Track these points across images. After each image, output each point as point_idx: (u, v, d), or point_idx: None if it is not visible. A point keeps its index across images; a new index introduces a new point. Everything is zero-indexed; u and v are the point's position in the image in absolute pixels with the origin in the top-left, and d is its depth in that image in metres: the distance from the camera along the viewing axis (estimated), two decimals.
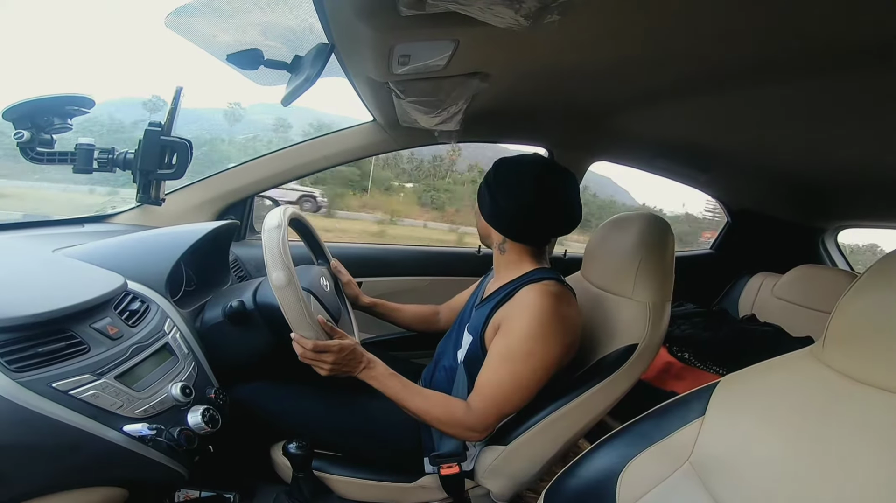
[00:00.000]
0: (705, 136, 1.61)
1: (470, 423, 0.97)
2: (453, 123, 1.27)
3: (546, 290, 0.99)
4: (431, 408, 0.98)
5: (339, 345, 0.96)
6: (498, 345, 0.99)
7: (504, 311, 1.02)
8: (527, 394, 0.99)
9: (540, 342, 0.96)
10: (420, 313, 1.48)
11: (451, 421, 0.98)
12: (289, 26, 0.91)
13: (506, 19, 0.60)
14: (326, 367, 0.96)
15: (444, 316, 1.49)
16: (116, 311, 0.88)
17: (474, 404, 0.98)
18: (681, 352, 1.77)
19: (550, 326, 0.96)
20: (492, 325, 1.03)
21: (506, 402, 0.98)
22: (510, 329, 0.99)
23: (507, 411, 0.99)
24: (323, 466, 1.08)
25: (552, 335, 0.97)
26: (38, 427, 0.66)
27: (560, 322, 0.97)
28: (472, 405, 0.98)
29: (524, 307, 0.98)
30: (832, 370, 0.61)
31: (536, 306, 0.97)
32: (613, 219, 1.21)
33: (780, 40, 0.79)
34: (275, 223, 0.98)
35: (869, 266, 0.60)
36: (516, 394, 0.98)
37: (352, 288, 1.40)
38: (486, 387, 0.98)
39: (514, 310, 1.00)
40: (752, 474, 0.60)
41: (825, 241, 2.48)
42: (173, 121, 1.10)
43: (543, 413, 1.02)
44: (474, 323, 1.10)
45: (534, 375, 0.97)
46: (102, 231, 1.37)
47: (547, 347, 0.96)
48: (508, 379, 0.97)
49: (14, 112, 0.97)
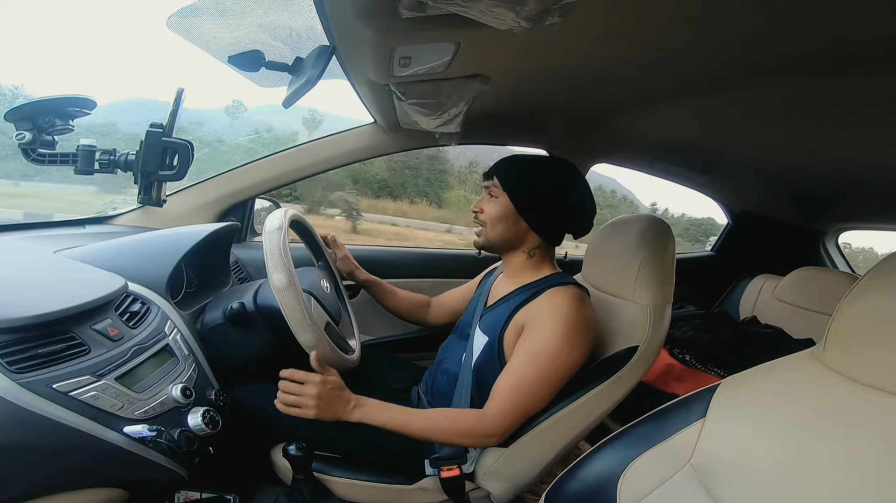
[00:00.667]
0: (705, 138, 1.61)
1: (488, 429, 0.98)
2: (454, 125, 1.27)
3: (574, 293, 1.02)
4: (440, 424, 0.99)
5: (323, 378, 0.97)
6: (524, 345, 1.00)
7: (528, 312, 1.03)
8: (548, 395, 1.00)
9: (568, 342, 0.98)
10: (414, 301, 1.47)
11: (466, 431, 0.98)
12: (290, 28, 0.91)
13: (506, 21, 0.60)
14: (311, 404, 0.96)
15: (433, 310, 1.48)
16: (117, 313, 0.88)
17: (493, 408, 0.98)
18: (682, 355, 1.77)
19: (578, 328, 0.99)
20: (513, 325, 1.04)
21: (528, 402, 0.99)
22: (538, 329, 1.00)
23: (529, 411, 1.00)
24: (323, 468, 1.08)
25: (579, 336, 0.99)
26: (39, 428, 0.66)
27: (586, 324, 1.01)
28: (489, 410, 0.98)
29: (552, 308, 1.00)
30: (833, 372, 0.61)
31: (566, 308, 0.99)
32: (614, 221, 1.21)
33: (780, 41, 0.79)
34: (275, 225, 0.98)
35: (870, 268, 0.60)
36: (539, 394, 0.99)
37: (347, 262, 1.39)
38: (509, 388, 0.98)
39: (540, 311, 1.01)
40: (753, 476, 0.60)
41: (826, 243, 2.48)
42: (174, 122, 1.10)
43: (544, 415, 1.02)
44: (490, 323, 1.10)
45: (557, 374, 0.99)
46: (103, 232, 1.38)
47: (575, 347, 0.99)
48: (534, 377, 0.98)
49: (15, 113, 0.97)
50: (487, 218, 1.13)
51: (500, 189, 1.11)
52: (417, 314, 1.47)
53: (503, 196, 1.11)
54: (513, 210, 1.10)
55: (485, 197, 1.15)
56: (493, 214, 1.11)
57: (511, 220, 1.11)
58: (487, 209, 1.13)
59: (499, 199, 1.11)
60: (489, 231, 1.13)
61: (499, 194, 1.11)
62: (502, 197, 1.11)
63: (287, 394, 0.98)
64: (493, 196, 1.13)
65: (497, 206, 1.11)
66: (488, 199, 1.14)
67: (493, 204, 1.12)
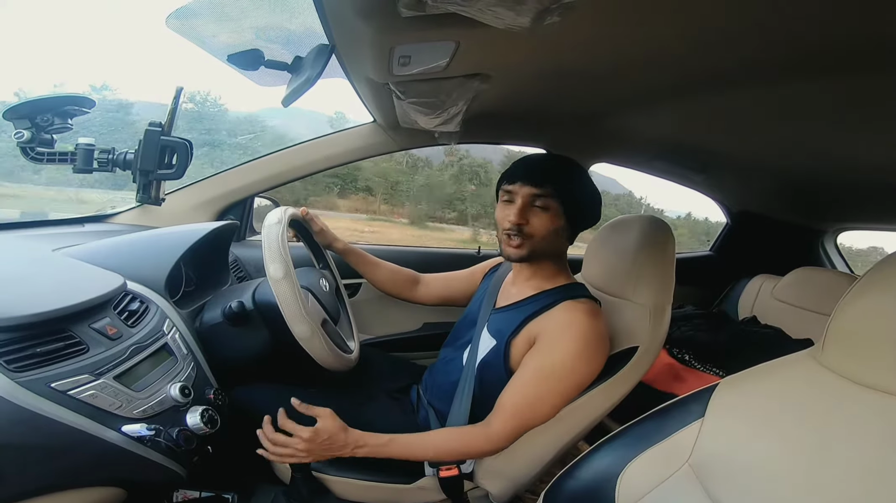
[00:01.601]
0: (705, 137, 1.61)
1: (493, 446, 0.98)
2: (453, 124, 1.27)
3: (589, 309, 0.99)
4: (446, 444, 0.99)
5: (314, 430, 0.94)
6: (536, 361, 0.98)
7: (541, 324, 1.01)
8: (555, 411, 0.99)
9: (583, 360, 0.97)
10: (397, 275, 1.41)
11: (471, 449, 0.99)
12: (289, 27, 0.91)
13: (506, 21, 0.60)
14: (302, 456, 0.95)
15: (424, 289, 1.42)
16: (116, 311, 0.88)
17: (498, 425, 0.97)
18: (681, 354, 1.77)
19: (595, 345, 0.98)
20: (524, 335, 1.02)
21: (534, 419, 0.98)
22: (552, 345, 0.97)
23: (533, 426, 0.99)
24: (321, 467, 1.08)
25: (595, 354, 0.98)
26: (37, 427, 0.66)
27: (601, 341, 0.99)
28: (494, 426, 0.98)
29: (569, 325, 0.97)
30: (832, 372, 0.61)
31: (583, 325, 0.97)
32: (613, 221, 1.21)
33: (779, 41, 0.79)
34: (275, 220, 0.99)
35: (868, 268, 0.61)
36: (547, 411, 0.98)
37: (323, 236, 1.35)
38: (516, 404, 0.97)
39: (555, 325, 0.99)
40: (752, 476, 0.60)
41: (825, 243, 2.48)
42: (173, 121, 1.10)
43: None
44: (499, 327, 1.07)
45: (567, 392, 0.98)
46: (102, 231, 1.38)
47: (590, 365, 0.98)
48: (544, 395, 0.97)
49: (14, 112, 0.97)
50: (536, 232, 1.01)
51: (552, 198, 1.00)
52: (401, 289, 1.40)
53: (555, 205, 1.00)
54: (564, 220, 1.02)
55: (525, 205, 1.01)
56: (545, 229, 1.01)
57: (560, 231, 1.03)
58: (537, 222, 1.01)
59: (550, 209, 1.00)
60: (537, 244, 1.02)
61: (550, 205, 1.00)
62: (554, 206, 1.00)
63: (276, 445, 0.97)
64: (542, 207, 1.00)
65: (549, 218, 1.01)
66: (531, 208, 1.01)
67: (544, 216, 1.01)
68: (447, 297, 1.40)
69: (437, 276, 1.44)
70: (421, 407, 1.20)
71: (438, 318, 1.85)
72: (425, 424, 1.14)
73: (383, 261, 1.41)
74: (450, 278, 1.42)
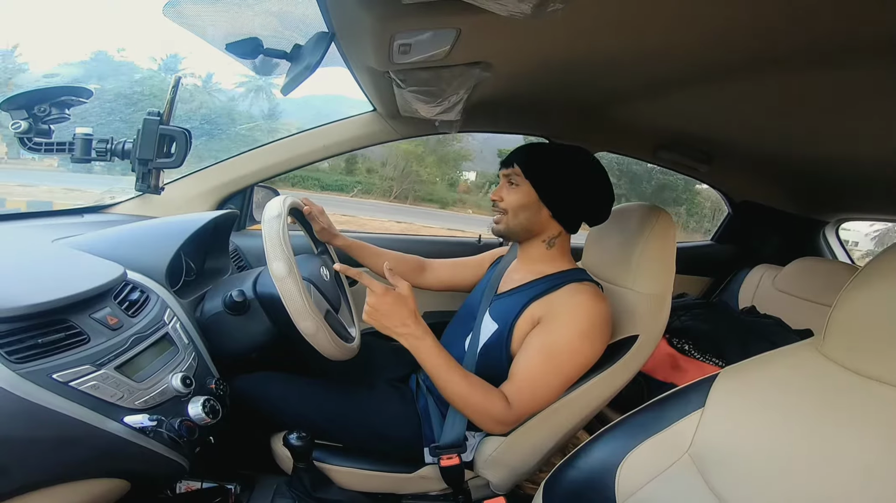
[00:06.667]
0: (708, 127, 1.60)
1: (508, 419, 0.98)
2: (454, 113, 1.26)
3: (595, 292, 1.02)
4: (472, 394, 0.96)
5: (385, 288, 0.94)
6: (541, 341, 0.99)
7: (545, 306, 1.02)
8: (562, 391, 1.00)
9: (588, 341, 0.98)
10: (403, 262, 1.42)
11: (487, 411, 0.97)
12: (288, 14, 0.90)
13: (508, 7, 0.59)
14: (366, 309, 0.95)
15: (431, 275, 1.44)
16: (116, 301, 0.88)
17: (517, 400, 0.98)
18: (681, 344, 1.77)
19: (600, 327, 0.99)
20: (527, 316, 1.03)
21: (543, 398, 1.00)
22: (557, 325, 0.99)
23: (542, 407, 1.00)
24: (323, 457, 1.09)
25: (599, 334, 1.00)
26: (39, 418, 0.66)
27: (606, 324, 1.01)
28: (514, 401, 0.98)
29: (574, 305, 0.99)
30: (832, 363, 0.61)
31: (588, 306, 0.99)
32: (614, 209, 1.21)
33: (783, 32, 0.78)
34: (274, 213, 0.98)
35: (870, 259, 0.60)
36: (554, 391, 1.00)
37: (326, 234, 1.34)
38: (527, 383, 0.98)
39: (559, 306, 1.01)
40: (751, 466, 0.60)
41: (826, 234, 2.47)
42: (172, 110, 1.09)
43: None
44: (501, 311, 1.09)
45: (574, 371, 1.00)
46: (102, 221, 1.37)
47: (594, 346, 1.00)
48: (551, 375, 0.98)
49: (10, 103, 0.97)
50: (509, 206, 1.11)
51: (522, 177, 1.09)
52: (409, 276, 1.41)
53: (525, 184, 1.09)
54: (535, 198, 1.09)
55: (504, 185, 1.13)
56: (516, 202, 1.10)
57: (534, 209, 1.09)
58: (508, 197, 1.11)
59: (520, 186, 1.10)
60: (511, 219, 1.11)
61: (520, 182, 1.10)
62: (524, 185, 1.09)
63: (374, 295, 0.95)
64: (514, 184, 1.11)
65: (519, 194, 1.10)
66: (508, 186, 1.12)
67: (515, 192, 1.10)
68: (453, 283, 1.42)
69: (444, 262, 1.45)
70: (420, 395, 1.20)
71: (439, 307, 1.84)
72: (425, 412, 1.15)
73: (387, 251, 1.42)
74: (457, 264, 1.43)
